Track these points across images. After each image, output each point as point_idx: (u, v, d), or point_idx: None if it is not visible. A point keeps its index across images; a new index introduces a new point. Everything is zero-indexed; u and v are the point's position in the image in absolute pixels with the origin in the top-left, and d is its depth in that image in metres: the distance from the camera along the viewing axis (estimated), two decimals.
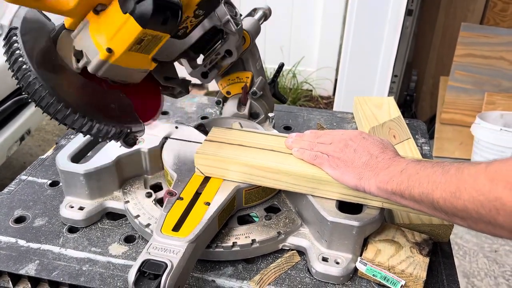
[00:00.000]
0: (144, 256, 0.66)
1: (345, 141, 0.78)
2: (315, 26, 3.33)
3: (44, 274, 0.76)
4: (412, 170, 0.65)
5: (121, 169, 0.90)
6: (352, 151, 0.76)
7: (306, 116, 1.31)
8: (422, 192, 0.62)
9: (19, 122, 2.11)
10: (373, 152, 0.74)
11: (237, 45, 0.92)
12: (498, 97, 2.74)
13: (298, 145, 0.84)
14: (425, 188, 0.61)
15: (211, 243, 0.78)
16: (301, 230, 0.83)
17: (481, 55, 2.80)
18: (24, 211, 0.91)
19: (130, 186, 0.91)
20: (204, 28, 0.83)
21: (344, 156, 0.76)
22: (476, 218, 0.55)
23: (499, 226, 0.53)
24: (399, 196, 0.67)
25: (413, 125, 1.26)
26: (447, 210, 0.59)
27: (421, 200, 0.63)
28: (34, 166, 1.05)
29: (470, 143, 2.63)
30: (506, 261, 2.08)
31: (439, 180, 0.60)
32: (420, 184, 0.62)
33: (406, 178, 0.65)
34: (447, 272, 0.79)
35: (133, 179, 0.93)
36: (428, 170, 0.63)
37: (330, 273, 0.75)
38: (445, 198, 0.58)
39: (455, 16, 2.96)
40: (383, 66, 2.52)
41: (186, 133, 0.97)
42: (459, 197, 0.56)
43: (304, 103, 3.35)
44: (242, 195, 0.83)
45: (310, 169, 0.79)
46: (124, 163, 0.90)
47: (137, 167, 0.93)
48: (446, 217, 0.61)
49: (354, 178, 0.73)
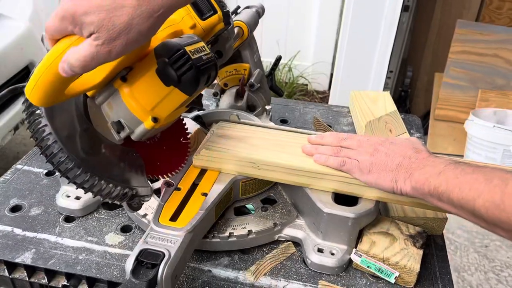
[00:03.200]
0: (141, 245, 0.67)
1: (374, 146, 0.76)
2: (312, 20, 3.33)
3: (41, 262, 0.76)
4: (451, 174, 0.64)
5: None
6: (383, 155, 0.74)
7: (302, 109, 1.31)
8: (462, 198, 0.60)
9: (14, 111, 2.09)
10: (405, 153, 0.72)
11: (227, 46, 0.91)
12: (492, 95, 2.76)
13: (319, 150, 0.81)
14: (466, 194, 0.60)
15: (207, 233, 0.78)
16: (297, 221, 0.84)
17: (476, 52, 2.81)
18: (20, 200, 0.91)
19: None
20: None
21: (376, 160, 0.73)
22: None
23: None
24: (436, 199, 0.65)
25: (408, 120, 1.27)
26: (488, 220, 0.58)
27: (460, 206, 0.61)
28: (29, 156, 1.05)
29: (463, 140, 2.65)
30: (496, 256, 2.11)
31: (481, 189, 0.58)
32: (461, 189, 0.61)
33: (444, 181, 0.63)
34: (440, 265, 0.80)
35: None
36: (468, 176, 0.61)
37: (325, 264, 0.76)
38: (488, 208, 0.57)
39: (451, 13, 2.97)
40: (378, 61, 2.52)
41: None
42: (503, 210, 0.55)
43: (299, 97, 3.36)
44: (239, 186, 0.84)
45: (308, 163, 0.80)
46: None
47: None
48: (486, 226, 0.60)
49: (390, 181, 0.71)
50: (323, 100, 3.40)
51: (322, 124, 1.19)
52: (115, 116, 0.67)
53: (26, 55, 2.15)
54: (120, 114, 0.67)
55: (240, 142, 0.85)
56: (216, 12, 0.79)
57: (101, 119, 0.68)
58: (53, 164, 0.63)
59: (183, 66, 0.64)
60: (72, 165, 0.62)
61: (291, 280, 0.76)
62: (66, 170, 0.63)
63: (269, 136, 0.88)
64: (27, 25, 2.21)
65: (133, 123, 0.67)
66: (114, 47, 0.53)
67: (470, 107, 2.76)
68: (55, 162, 0.63)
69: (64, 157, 0.62)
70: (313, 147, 0.82)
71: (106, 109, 0.67)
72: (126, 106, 0.65)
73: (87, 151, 0.66)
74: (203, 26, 0.77)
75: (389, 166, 0.72)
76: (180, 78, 0.64)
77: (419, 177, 0.68)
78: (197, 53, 0.66)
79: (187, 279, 0.75)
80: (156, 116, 0.66)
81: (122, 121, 0.67)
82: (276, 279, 0.76)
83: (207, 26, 0.78)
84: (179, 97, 0.67)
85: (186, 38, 0.69)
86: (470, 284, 1.96)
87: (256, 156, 0.81)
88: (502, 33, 2.77)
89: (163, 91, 0.65)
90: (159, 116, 0.67)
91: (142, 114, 0.66)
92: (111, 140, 0.69)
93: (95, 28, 0.52)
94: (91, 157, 0.66)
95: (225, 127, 0.90)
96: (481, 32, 2.79)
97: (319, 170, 0.79)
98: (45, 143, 0.62)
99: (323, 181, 0.79)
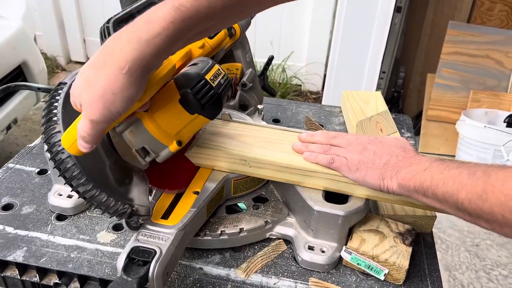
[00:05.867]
0: (133, 243, 0.67)
1: (363, 144, 0.77)
2: (305, 21, 3.34)
3: (32, 260, 0.76)
4: (436, 169, 0.65)
5: None
6: (371, 153, 0.75)
7: (294, 109, 1.32)
8: (446, 192, 0.61)
9: (6, 111, 2.08)
10: (393, 152, 0.74)
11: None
12: (483, 95, 2.79)
13: (309, 148, 0.82)
14: (449, 188, 0.61)
15: (199, 231, 0.79)
16: (288, 219, 0.84)
17: (467, 53, 2.84)
18: (11, 199, 0.91)
19: None
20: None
21: (364, 158, 0.74)
22: (502, 222, 0.54)
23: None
24: (421, 194, 0.66)
25: (399, 119, 1.28)
26: (471, 212, 0.58)
27: (444, 200, 0.62)
28: (21, 154, 1.05)
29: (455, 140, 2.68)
30: (487, 255, 2.13)
31: (465, 181, 0.59)
32: (445, 183, 0.62)
33: (429, 176, 0.64)
34: (428, 262, 0.81)
35: None
36: (453, 170, 0.62)
37: (315, 262, 0.77)
38: (471, 199, 0.57)
39: (443, 14, 2.99)
40: (371, 62, 2.54)
41: None
42: (486, 200, 0.55)
43: (293, 97, 3.37)
44: (230, 184, 0.84)
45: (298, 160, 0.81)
46: None
47: None
48: (469, 219, 0.60)
49: (377, 179, 0.72)
50: (316, 100, 3.41)
51: (314, 124, 1.20)
52: (139, 143, 0.70)
53: (18, 55, 2.14)
54: (144, 141, 0.70)
55: (232, 140, 0.86)
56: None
57: (124, 146, 0.71)
58: (59, 170, 0.65)
59: (206, 95, 0.67)
60: (77, 172, 0.64)
61: (282, 278, 0.76)
62: (71, 177, 0.64)
63: (260, 134, 0.89)
64: (20, 24, 2.20)
65: (158, 148, 0.70)
66: (95, 114, 0.56)
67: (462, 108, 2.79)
68: (62, 168, 0.65)
69: (71, 164, 0.64)
70: (303, 145, 0.83)
71: (128, 137, 0.70)
72: (151, 134, 0.69)
73: (94, 164, 0.67)
74: (211, 45, 0.81)
75: (377, 164, 0.73)
76: (204, 106, 0.67)
77: (405, 174, 0.69)
78: (216, 78, 0.69)
79: (179, 276, 0.76)
80: (180, 139, 0.70)
81: (146, 147, 0.70)
82: (267, 276, 0.76)
83: (215, 44, 0.82)
84: (202, 121, 0.71)
85: (202, 64, 0.71)
86: (461, 283, 1.98)
87: (247, 153, 0.82)
88: (493, 34, 2.80)
89: (187, 118, 0.69)
90: (183, 139, 0.71)
91: (167, 139, 0.69)
92: (137, 165, 0.73)
93: (81, 101, 0.58)
94: (96, 170, 0.67)
95: (217, 125, 0.91)
96: (472, 33, 2.82)
97: (309, 167, 0.79)
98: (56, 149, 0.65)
99: (313, 179, 0.80)
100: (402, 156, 0.72)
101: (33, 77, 2.25)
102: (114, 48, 0.56)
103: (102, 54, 0.57)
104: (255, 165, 0.81)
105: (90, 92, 0.56)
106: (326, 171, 0.79)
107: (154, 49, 0.55)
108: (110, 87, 0.55)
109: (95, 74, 0.56)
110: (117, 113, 0.57)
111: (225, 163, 0.83)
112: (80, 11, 3.57)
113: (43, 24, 3.56)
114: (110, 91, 0.55)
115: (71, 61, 3.80)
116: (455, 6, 2.96)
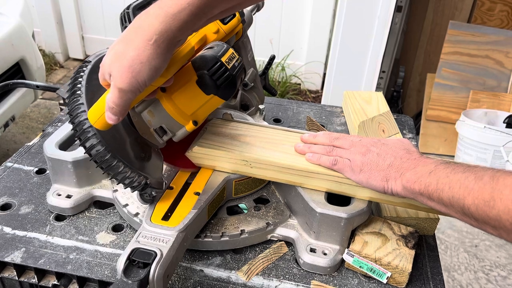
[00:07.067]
0: (133, 244, 0.66)
1: (367, 146, 0.76)
2: (305, 19, 3.33)
3: (30, 262, 0.75)
4: (441, 173, 0.64)
5: None
6: (375, 155, 0.74)
7: (295, 109, 1.31)
8: (453, 196, 0.60)
9: (4, 108, 2.07)
10: (397, 154, 0.73)
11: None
12: (483, 95, 2.79)
13: (312, 149, 0.81)
14: (455, 192, 0.60)
15: (200, 232, 0.78)
16: (290, 221, 0.83)
17: (467, 53, 2.83)
18: (9, 198, 0.89)
19: None
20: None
21: (368, 160, 0.74)
22: (509, 229, 0.53)
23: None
24: (426, 198, 0.66)
25: (400, 120, 1.27)
26: (478, 218, 0.57)
27: (450, 204, 0.61)
28: (20, 153, 1.04)
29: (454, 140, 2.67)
30: (486, 256, 2.13)
31: (471, 186, 0.58)
32: (451, 188, 0.61)
33: (435, 180, 0.64)
34: (431, 265, 0.81)
35: None
36: (459, 174, 0.61)
37: (317, 264, 0.76)
38: (477, 205, 0.56)
39: (443, 14, 2.99)
40: (371, 61, 2.53)
41: None
42: (493, 207, 0.54)
43: (292, 96, 3.36)
44: (232, 186, 0.84)
45: (300, 161, 0.80)
46: None
47: None
48: (476, 224, 0.59)
49: (381, 181, 0.72)
50: (315, 99, 3.40)
51: (315, 124, 1.19)
52: (157, 122, 0.74)
53: (16, 52, 2.13)
54: (162, 120, 0.73)
55: (233, 140, 0.85)
56: (235, 15, 0.86)
57: (143, 126, 0.75)
58: (80, 140, 0.68)
59: (222, 76, 0.71)
60: (97, 142, 0.67)
61: (284, 280, 0.76)
62: (91, 146, 0.67)
63: (262, 134, 0.88)
64: (18, 21, 2.19)
65: (175, 127, 0.74)
66: (124, 82, 0.60)
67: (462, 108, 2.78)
68: (82, 138, 0.68)
69: (92, 133, 0.67)
70: (306, 146, 0.82)
71: (146, 116, 0.74)
72: (168, 113, 0.72)
73: (114, 139, 0.71)
74: (225, 30, 0.84)
75: (381, 166, 0.72)
76: (220, 87, 0.71)
77: (410, 177, 0.68)
78: (230, 61, 0.73)
79: (179, 278, 0.75)
80: (196, 119, 0.74)
81: (164, 126, 0.74)
82: (269, 279, 0.76)
83: (229, 29, 0.85)
84: (217, 102, 0.74)
85: (217, 48, 0.75)
86: (460, 283, 1.98)
87: (249, 154, 0.81)
88: (493, 34, 2.80)
89: (203, 98, 0.73)
90: (198, 119, 0.74)
91: (183, 119, 0.73)
92: (155, 143, 0.77)
93: (111, 72, 0.61)
94: (115, 143, 0.70)
95: (218, 125, 0.90)
96: (472, 33, 2.82)
97: (311, 169, 0.78)
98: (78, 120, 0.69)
99: (315, 180, 0.79)
100: (406, 158, 0.72)
101: (31, 74, 2.23)
102: (142, 24, 0.60)
103: (131, 30, 0.61)
104: (257, 166, 0.81)
105: (120, 62, 0.60)
106: (328, 173, 0.78)
107: (180, 23, 0.59)
108: (138, 57, 0.59)
109: (124, 47, 0.60)
110: (143, 82, 0.60)
111: (226, 163, 0.82)
112: (78, 7, 3.55)
113: (41, 20, 3.54)
114: (138, 61, 0.59)
115: (69, 58, 3.78)
116: (455, 6, 2.95)
